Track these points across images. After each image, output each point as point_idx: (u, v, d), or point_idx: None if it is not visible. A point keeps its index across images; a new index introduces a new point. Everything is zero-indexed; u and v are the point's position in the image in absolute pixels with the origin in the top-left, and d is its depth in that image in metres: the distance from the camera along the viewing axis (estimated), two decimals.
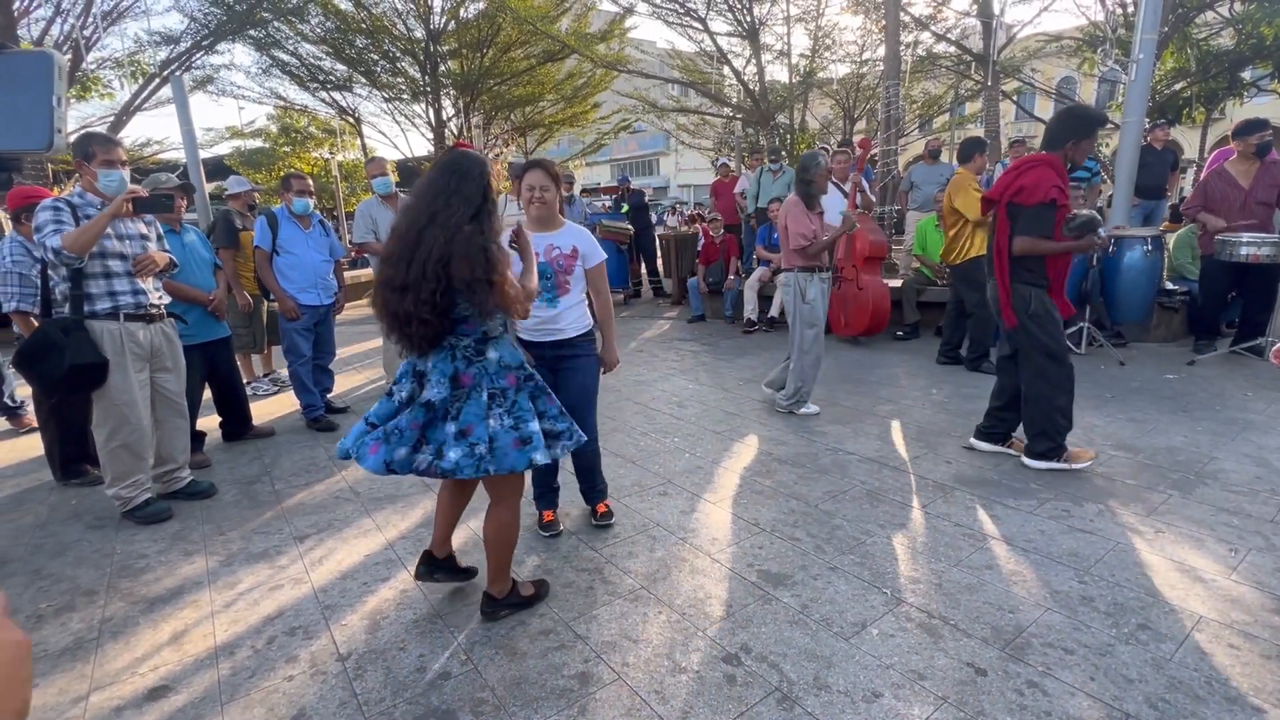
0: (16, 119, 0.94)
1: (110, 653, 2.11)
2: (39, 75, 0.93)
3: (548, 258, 2.49)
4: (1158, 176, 7.26)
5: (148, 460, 3.05)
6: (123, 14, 11.22)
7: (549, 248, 2.50)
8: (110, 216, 2.69)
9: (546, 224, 2.52)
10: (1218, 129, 13.93)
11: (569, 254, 2.51)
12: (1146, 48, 5.42)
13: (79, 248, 2.66)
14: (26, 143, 0.96)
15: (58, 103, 0.94)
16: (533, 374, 2.09)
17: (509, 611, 2.20)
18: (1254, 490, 2.87)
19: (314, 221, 4.25)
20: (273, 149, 18.35)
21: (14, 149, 1.00)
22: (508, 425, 1.95)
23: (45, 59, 0.95)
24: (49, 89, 0.93)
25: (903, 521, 2.73)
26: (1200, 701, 1.71)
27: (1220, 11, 10.53)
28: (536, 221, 2.52)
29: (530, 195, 2.44)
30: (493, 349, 1.98)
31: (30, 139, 0.95)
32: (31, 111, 0.93)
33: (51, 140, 0.97)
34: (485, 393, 1.94)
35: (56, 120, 0.94)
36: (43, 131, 0.95)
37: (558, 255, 2.50)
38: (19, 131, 0.94)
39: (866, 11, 13.97)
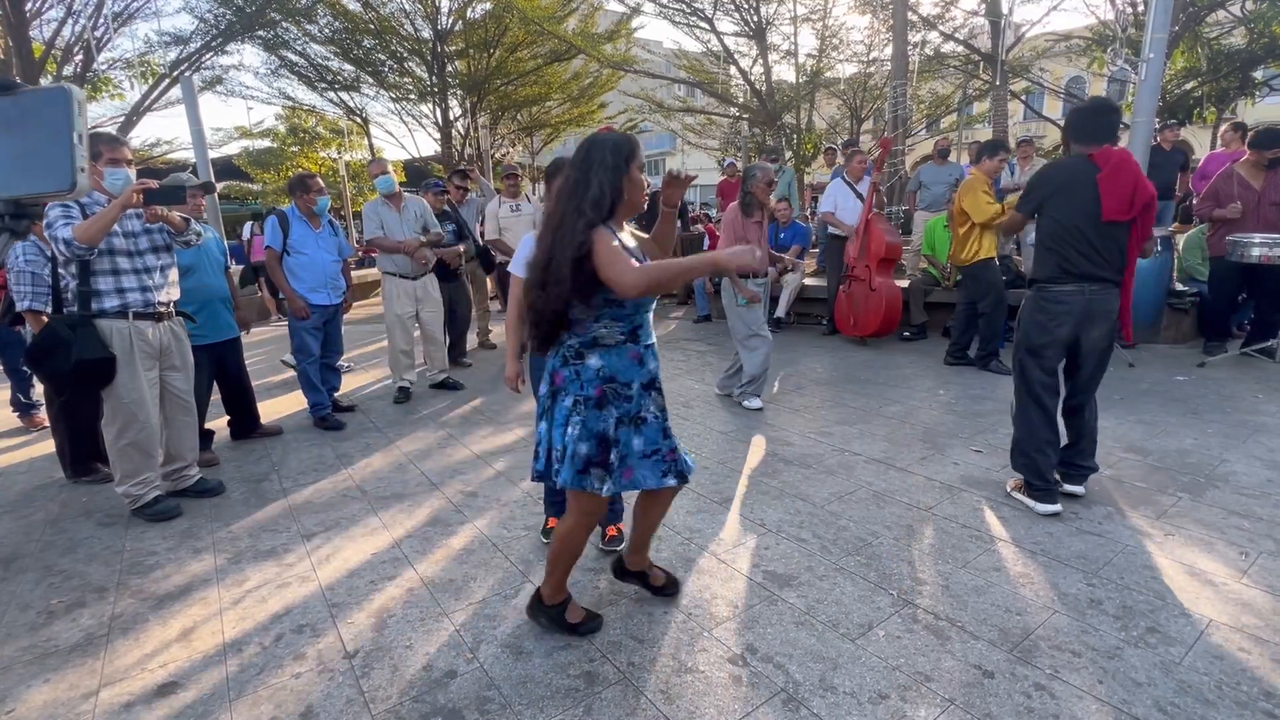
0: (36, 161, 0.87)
1: (120, 649, 2.13)
2: (57, 112, 0.87)
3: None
4: (1167, 177, 7.21)
5: (157, 458, 3.07)
6: (133, 15, 11.33)
7: None
8: (121, 207, 2.70)
9: None
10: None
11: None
12: (1157, 47, 5.37)
13: (89, 238, 2.67)
14: (48, 185, 0.89)
15: (79, 140, 0.88)
16: (643, 402, 1.92)
17: (546, 622, 2.10)
18: (1265, 493, 2.85)
19: (324, 221, 4.27)
20: (281, 149, 18.43)
21: (35, 193, 0.91)
22: (572, 437, 1.84)
23: (63, 95, 0.89)
24: (68, 126, 0.87)
25: (909, 523, 2.72)
26: (1210, 706, 1.70)
27: (1232, 10, 10.43)
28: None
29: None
30: (597, 356, 1.85)
31: (52, 181, 0.89)
32: (51, 151, 0.88)
33: (74, 181, 0.89)
34: (570, 398, 1.85)
35: (78, 159, 0.89)
36: (64, 172, 0.88)
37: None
38: (39, 174, 0.88)
39: (874, 11, 13.91)
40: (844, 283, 5.91)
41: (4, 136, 0.89)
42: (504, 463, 3.57)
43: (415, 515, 3.00)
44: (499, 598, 2.31)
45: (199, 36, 11.77)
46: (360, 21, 13.19)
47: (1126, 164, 2.62)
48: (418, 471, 3.52)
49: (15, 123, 0.89)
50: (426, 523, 2.92)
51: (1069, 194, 2.70)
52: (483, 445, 3.86)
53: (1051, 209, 2.75)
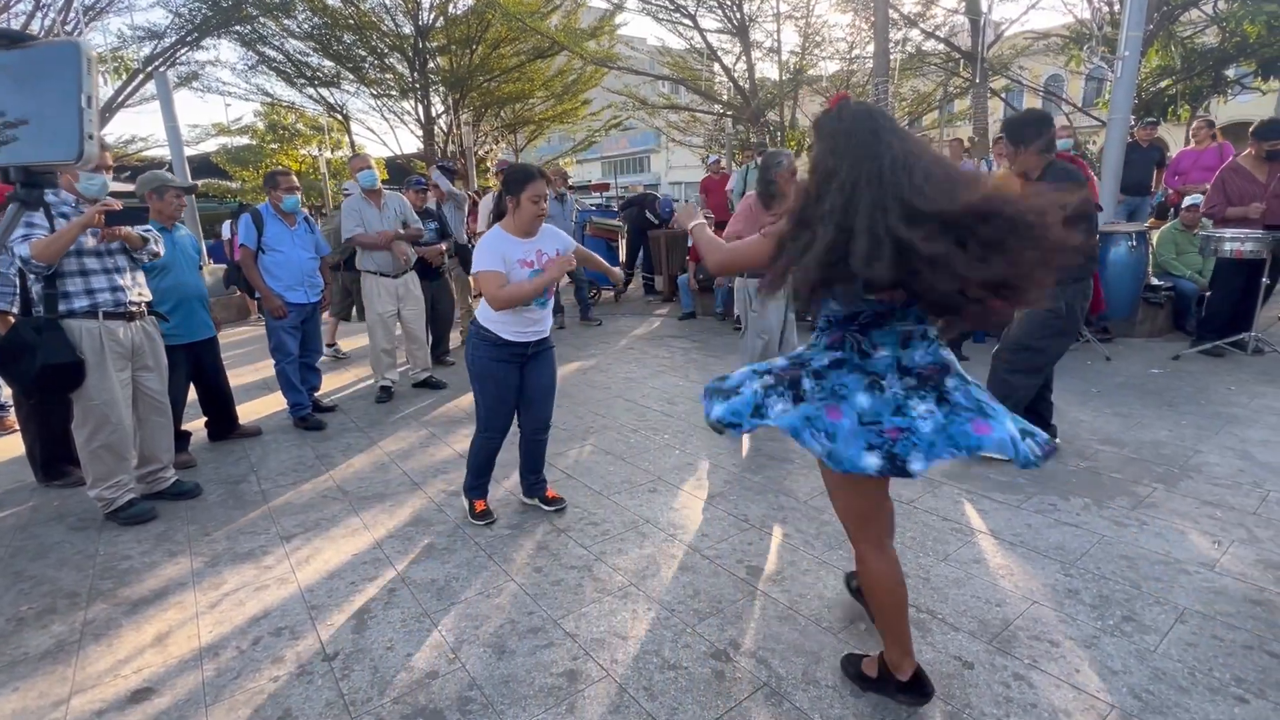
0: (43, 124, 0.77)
1: (92, 655, 2.09)
2: (66, 70, 0.77)
3: (541, 264, 2.57)
4: (1143, 173, 7.33)
5: (130, 461, 3.01)
6: (105, 9, 11.10)
7: (538, 253, 2.59)
8: (81, 228, 2.64)
9: (535, 231, 2.62)
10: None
11: (553, 258, 2.61)
12: (1132, 45, 5.46)
13: (48, 258, 2.62)
14: (53, 153, 0.79)
15: (87, 103, 0.77)
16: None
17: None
18: (1237, 483, 2.90)
19: (299, 219, 4.21)
20: (260, 146, 18.17)
21: (40, 161, 0.80)
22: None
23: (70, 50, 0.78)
24: (76, 86, 0.77)
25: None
26: (1184, 692, 1.73)
27: (1204, 10, 10.62)
28: (532, 229, 2.59)
29: (540, 206, 2.53)
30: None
31: (58, 149, 0.79)
32: (59, 114, 0.77)
33: (81, 149, 0.78)
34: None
35: (86, 124, 0.78)
36: (71, 139, 0.78)
37: (548, 261, 2.59)
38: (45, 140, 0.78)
39: (856, 9, 13.99)
40: None
41: (13, 95, 0.79)
42: None
43: (397, 515, 2.97)
44: (481, 597, 2.30)
45: (173, 31, 11.57)
46: (340, 17, 13.01)
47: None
48: (400, 471, 3.49)
49: (24, 80, 0.79)
50: (408, 523, 2.90)
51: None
52: (466, 444, 3.81)
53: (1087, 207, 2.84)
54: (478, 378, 2.70)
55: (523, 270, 2.53)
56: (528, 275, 2.52)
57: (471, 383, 2.75)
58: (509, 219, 2.58)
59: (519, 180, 2.52)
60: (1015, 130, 2.94)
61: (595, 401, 4.53)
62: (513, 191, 2.53)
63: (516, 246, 2.55)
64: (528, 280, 2.50)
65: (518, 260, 2.53)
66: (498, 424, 2.77)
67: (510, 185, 2.54)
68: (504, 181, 2.61)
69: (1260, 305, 4.81)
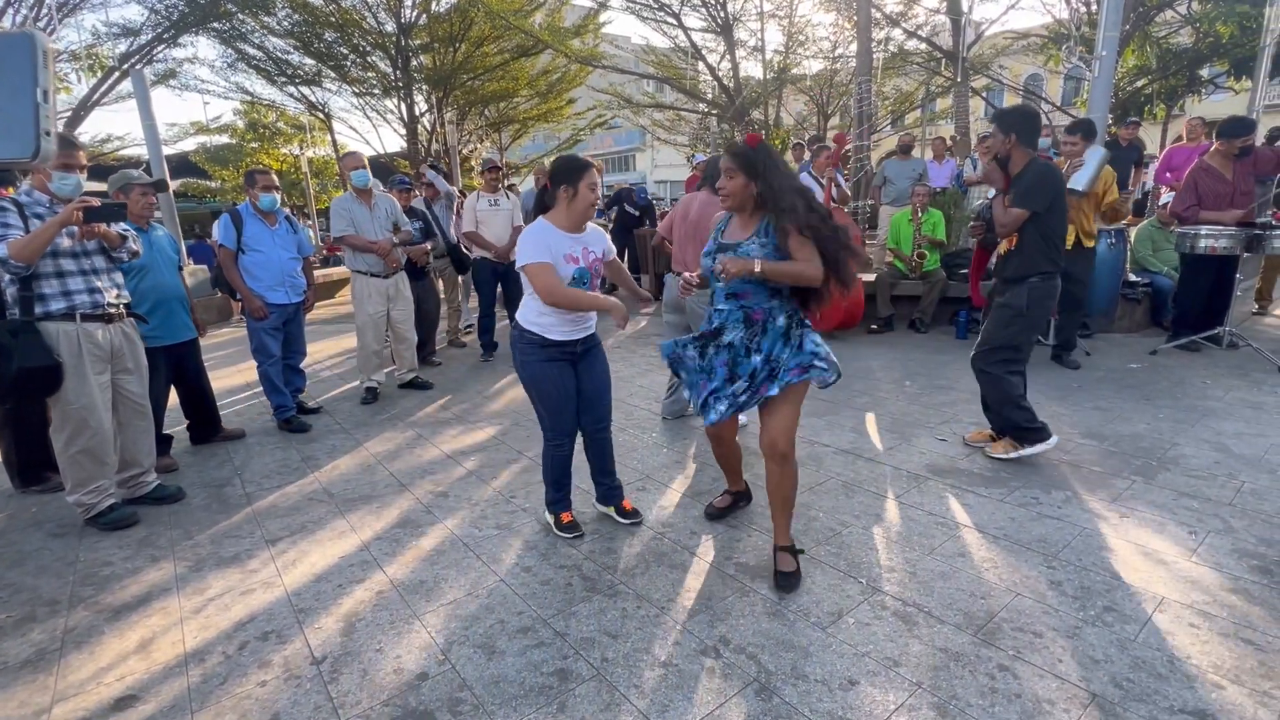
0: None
1: (74, 663, 2.05)
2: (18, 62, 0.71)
3: (586, 262, 2.46)
4: (1122, 172, 7.45)
5: (110, 465, 2.97)
6: (80, 5, 10.88)
7: (584, 250, 2.47)
8: (59, 226, 2.59)
9: (585, 226, 2.52)
10: (1178, 125, 14.33)
11: (599, 257, 2.54)
12: (1109, 45, 5.54)
13: (26, 257, 2.57)
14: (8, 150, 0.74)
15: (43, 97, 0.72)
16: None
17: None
18: (1213, 475, 2.97)
19: (280, 218, 4.15)
20: (240, 145, 17.93)
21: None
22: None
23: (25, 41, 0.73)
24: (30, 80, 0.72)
25: (878, 512, 2.77)
26: (1162, 680, 1.77)
27: (1179, 10, 10.82)
28: (584, 221, 2.50)
29: (596, 194, 2.45)
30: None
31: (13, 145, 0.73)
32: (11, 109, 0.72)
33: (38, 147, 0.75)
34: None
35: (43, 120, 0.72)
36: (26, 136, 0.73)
37: (594, 260, 2.50)
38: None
39: (839, 8, 14.09)
40: None
41: None
42: (474, 461, 3.53)
43: (384, 517, 2.95)
44: (470, 598, 2.29)
45: (150, 28, 11.38)
46: (321, 14, 12.87)
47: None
48: (386, 473, 3.46)
49: None
50: (396, 524, 2.88)
51: (1062, 194, 3.05)
52: (453, 444, 3.82)
53: (1057, 207, 3.04)
54: (533, 383, 2.54)
55: (567, 265, 2.40)
56: (572, 272, 2.41)
57: (526, 389, 2.59)
58: (560, 211, 2.44)
59: (577, 169, 2.39)
60: (1020, 127, 3.03)
61: None
62: (569, 180, 2.38)
63: (564, 240, 2.41)
64: (593, 295, 2.41)
65: (564, 255, 2.39)
66: (564, 427, 2.60)
67: (566, 175, 2.39)
68: (556, 171, 2.43)
69: (1233, 300, 4.92)
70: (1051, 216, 3.04)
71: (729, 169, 2.20)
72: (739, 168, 2.19)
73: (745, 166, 2.18)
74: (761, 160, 2.17)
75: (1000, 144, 3.09)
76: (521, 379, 2.57)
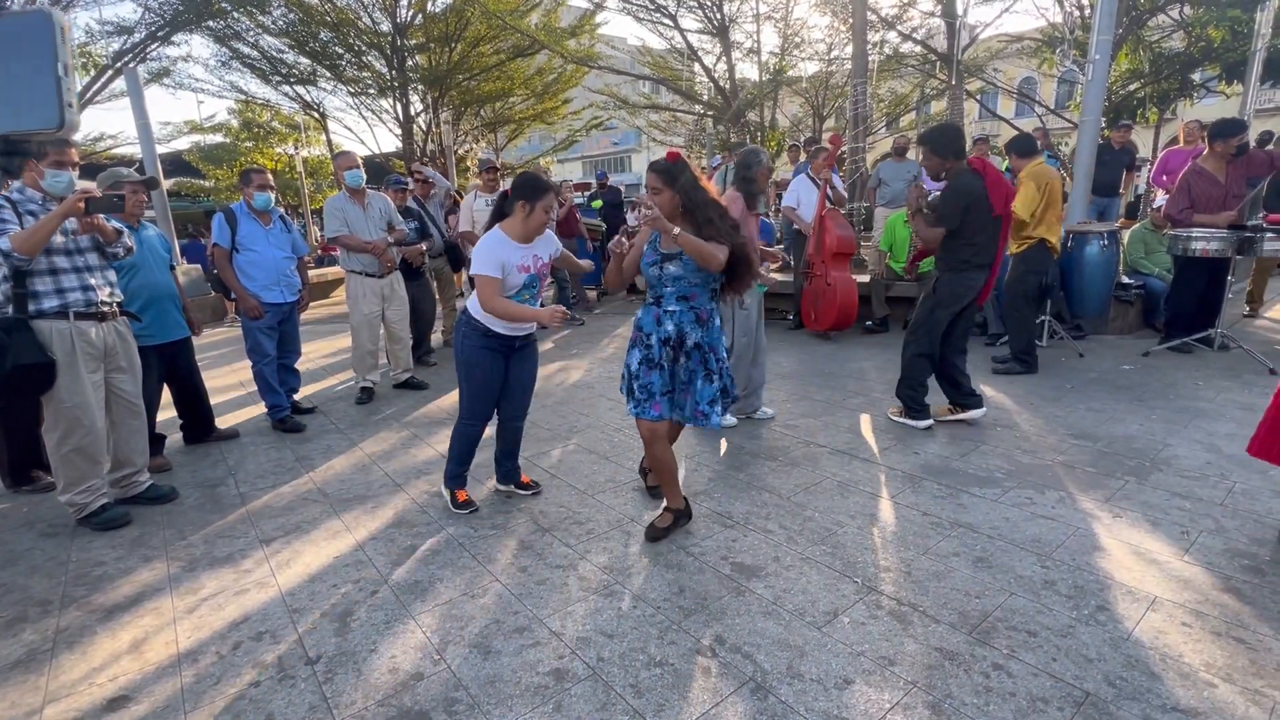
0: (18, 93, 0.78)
1: (65, 664, 2.04)
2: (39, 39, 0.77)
3: (535, 268, 2.71)
4: (1114, 174, 7.50)
5: (103, 464, 2.95)
6: (73, 3, 10.81)
7: (534, 258, 2.71)
8: (62, 217, 2.59)
9: (534, 238, 2.72)
10: (1170, 129, 14.44)
11: (546, 262, 2.79)
12: (1102, 49, 5.58)
13: (29, 249, 2.56)
14: (33, 122, 0.81)
15: (64, 71, 0.79)
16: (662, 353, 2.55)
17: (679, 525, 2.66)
18: (1204, 475, 2.99)
19: (274, 218, 4.14)
20: (234, 144, 17.86)
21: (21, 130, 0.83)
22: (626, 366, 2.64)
23: (43, 20, 0.78)
24: (52, 56, 0.78)
25: (873, 512, 2.78)
26: (1155, 678, 1.78)
27: (1171, 15, 10.90)
28: (534, 236, 2.69)
29: (549, 217, 2.66)
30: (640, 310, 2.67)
31: (37, 117, 0.80)
32: (34, 84, 0.76)
33: (63, 118, 0.81)
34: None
35: (65, 93, 0.80)
36: (50, 108, 0.80)
37: (542, 266, 2.76)
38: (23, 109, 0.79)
39: (834, 10, 14.13)
40: (805, 279, 6.00)
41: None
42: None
43: (379, 516, 2.95)
44: (466, 597, 2.28)
45: (144, 26, 11.31)
46: (316, 13, 12.82)
47: (997, 171, 3.53)
48: (381, 472, 3.45)
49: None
50: (390, 524, 2.87)
51: (981, 199, 3.43)
52: (448, 444, 3.80)
53: (973, 214, 3.45)
54: (464, 364, 2.77)
55: (519, 275, 2.63)
56: (524, 280, 2.66)
57: (457, 369, 2.82)
58: (514, 222, 2.62)
59: (537, 189, 2.58)
60: (940, 143, 3.50)
61: (578, 400, 4.52)
62: (528, 198, 2.57)
63: (515, 251, 2.63)
64: (526, 308, 2.61)
65: (516, 265, 2.62)
66: (480, 411, 2.85)
67: (526, 191, 2.57)
68: (518, 186, 2.60)
69: (1225, 302, 4.95)
70: (964, 224, 3.48)
71: (655, 186, 2.41)
72: (664, 183, 2.41)
73: (669, 181, 2.40)
74: (682, 174, 2.40)
75: (930, 162, 3.52)
76: (456, 360, 2.80)
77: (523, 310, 2.59)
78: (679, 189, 2.39)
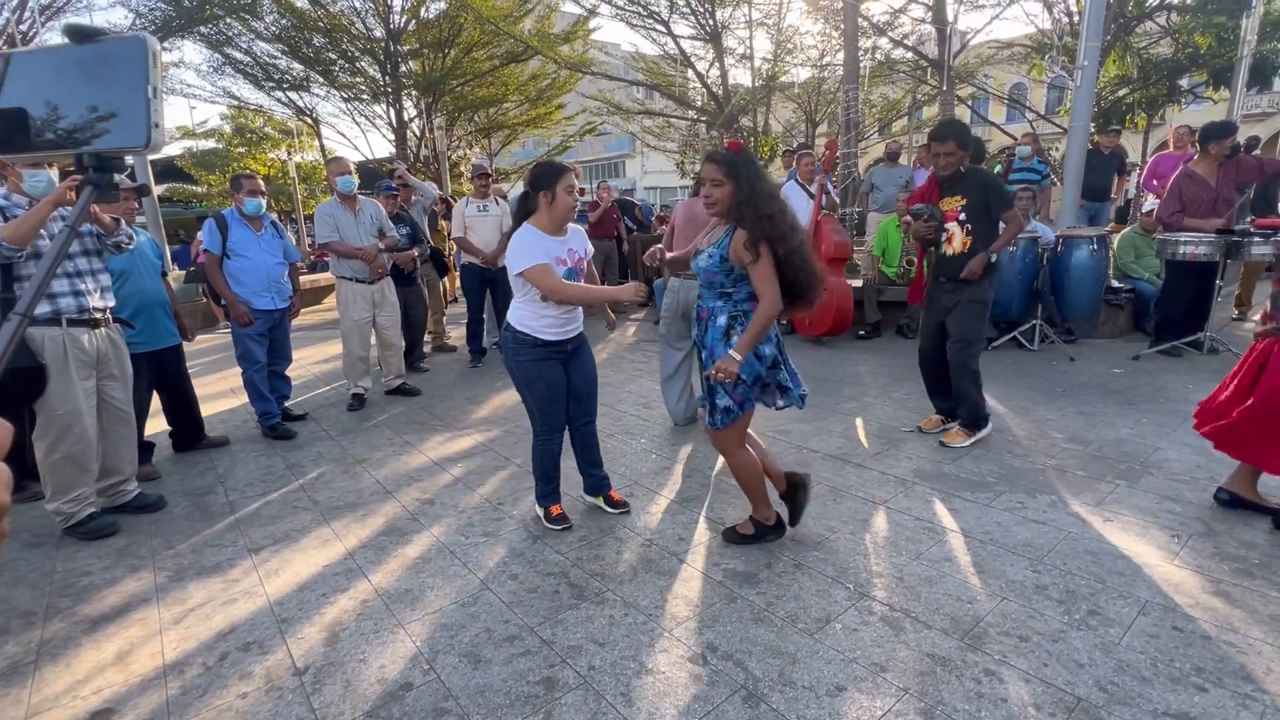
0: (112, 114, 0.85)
1: (49, 676, 2.01)
2: (133, 63, 0.84)
3: (573, 262, 2.58)
4: (1105, 179, 7.55)
5: (92, 473, 2.92)
6: (62, 8, 10.77)
7: (569, 251, 2.58)
8: (53, 204, 2.57)
9: (566, 228, 2.61)
10: (1159, 134, 14.58)
11: (582, 256, 2.66)
12: (1090, 55, 5.64)
13: (20, 238, 2.55)
14: (124, 140, 0.86)
15: (153, 94, 0.85)
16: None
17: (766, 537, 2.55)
18: (1194, 479, 3.00)
19: (266, 224, 4.12)
20: (226, 150, 17.79)
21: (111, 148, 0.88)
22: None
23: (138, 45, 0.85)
24: (143, 79, 0.83)
25: (865, 517, 2.78)
26: (1146, 683, 1.78)
27: (1158, 22, 11.02)
28: (566, 223, 2.59)
29: (575, 196, 2.54)
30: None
31: (128, 136, 0.85)
32: (127, 105, 0.84)
33: (149, 137, 0.87)
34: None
35: (153, 114, 0.85)
36: (139, 127, 0.85)
37: (578, 260, 2.62)
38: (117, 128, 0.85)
39: (826, 17, 14.21)
40: None
41: (87, 86, 0.86)
42: (461, 468, 3.51)
43: (369, 525, 2.92)
44: (456, 606, 2.27)
45: (134, 32, 11.26)
46: (309, 19, 12.79)
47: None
48: (372, 480, 3.43)
49: (94, 73, 0.86)
50: (381, 532, 2.85)
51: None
52: (439, 451, 3.79)
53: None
54: (526, 382, 2.64)
55: (559, 269, 2.49)
56: (562, 274, 2.50)
57: (518, 388, 2.70)
58: (542, 215, 2.52)
59: (553, 173, 2.49)
60: (968, 139, 3.41)
61: None
62: (547, 185, 2.48)
63: (552, 244, 2.51)
64: (597, 287, 2.56)
65: (555, 258, 2.49)
66: (554, 423, 2.71)
67: (544, 179, 2.48)
68: (535, 177, 2.53)
69: (1214, 306, 4.99)
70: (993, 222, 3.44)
71: (716, 178, 2.18)
72: (726, 175, 2.18)
73: (731, 173, 2.18)
74: (747, 166, 2.19)
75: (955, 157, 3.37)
76: (514, 379, 2.67)
77: (591, 290, 2.50)
78: (742, 183, 2.16)
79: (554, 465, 2.77)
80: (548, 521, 2.77)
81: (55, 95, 0.86)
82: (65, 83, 0.86)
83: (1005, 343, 5.54)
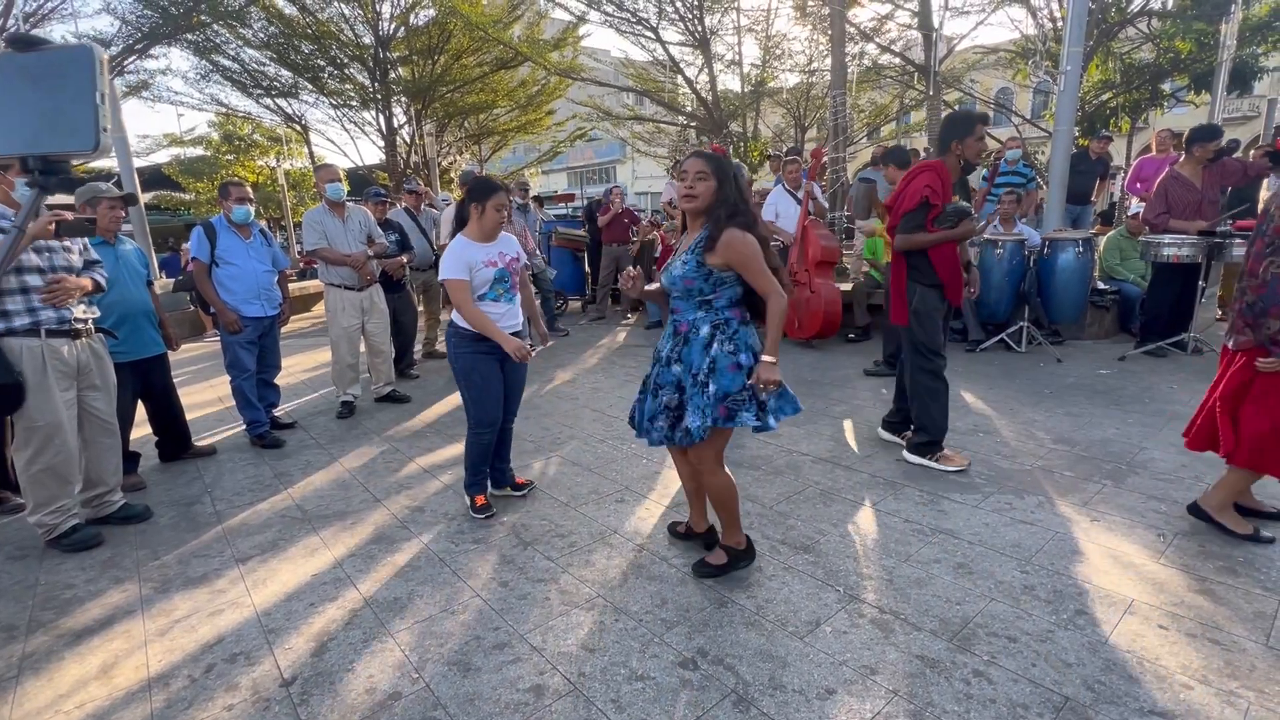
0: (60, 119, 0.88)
1: (31, 690, 1.98)
2: (80, 70, 0.87)
3: (504, 264, 2.84)
4: (1088, 183, 7.64)
5: (74, 484, 2.88)
6: (48, 15, 10.70)
7: (499, 254, 2.84)
8: (30, 239, 2.57)
9: (496, 236, 2.88)
10: (1142, 138, 14.77)
11: (514, 258, 2.89)
12: (1073, 60, 5.71)
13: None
14: (72, 144, 0.90)
15: (101, 100, 0.88)
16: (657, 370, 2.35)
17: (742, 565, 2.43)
18: (1179, 478, 3.03)
19: (254, 231, 4.10)
20: (215, 157, 17.70)
21: (59, 151, 0.92)
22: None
23: (84, 53, 0.89)
24: (91, 85, 0.87)
25: (855, 520, 2.79)
26: (1133, 681, 1.79)
27: (1140, 27, 11.17)
28: (493, 234, 2.85)
29: (502, 214, 2.82)
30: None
31: (75, 140, 0.89)
32: (74, 110, 0.87)
33: (97, 140, 0.91)
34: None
35: (100, 119, 0.89)
36: (88, 131, 0.89)
37: (510, 261, 2.87)
38: (64, 132, 0.88)
39: (813, 23, 14.32)
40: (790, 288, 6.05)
41: (31, 92, 0.89)
42: (451, 475, 3.49)
43: (358, 533, 2.90)
44: (445, 614, 2.25)
45: (121, 39, 11.19)
46: (297, 26, 12.76)
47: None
48: (361, 488, 3.41)
49: (41, 79, 0.89)
50: (370, 540, 2.83)
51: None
52: (429, 459, 3.77)
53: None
54: (463, 374, 2.86)
55: (487, 270, 2.77)
56: (493, 275, 2.79)
57: (457, 381, 2.91)
58: (473, 226, 2.81)
59: (485, 190, 2.78)
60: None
61: (562, 412, 4.50)
62: (478, 200, 2.78)
63: (479, 250, 2.79)
64: (494, 326, 2.76)
65: (482, 261, 2.77)
66: (487, 417, 2.91)
67: (476, 194, 2.78)
68: (469, 191, 2.82)
69: (1197, 307, 5.05)
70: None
71: (703, 172, 2.14)
72: (713, 172, 2.14)
73: (718, 170, 2.14)
74: (731, 169, 2.20)
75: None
76: (454, 371, 2.90)
77: (491, 326, 2.74)
78: (728, 186, 2.15)
79: (484, 458, 3.00)
80: (474, 511, 2.97)
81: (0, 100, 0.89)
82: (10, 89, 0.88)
83: (993, 345, 5.58)
